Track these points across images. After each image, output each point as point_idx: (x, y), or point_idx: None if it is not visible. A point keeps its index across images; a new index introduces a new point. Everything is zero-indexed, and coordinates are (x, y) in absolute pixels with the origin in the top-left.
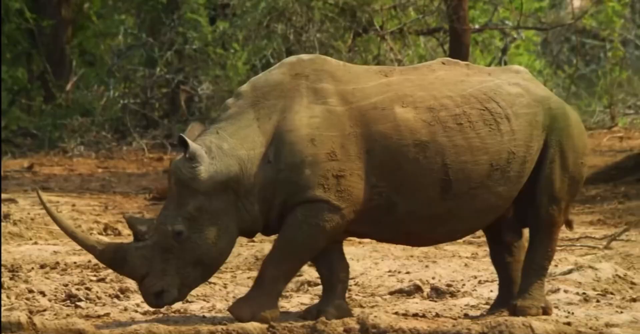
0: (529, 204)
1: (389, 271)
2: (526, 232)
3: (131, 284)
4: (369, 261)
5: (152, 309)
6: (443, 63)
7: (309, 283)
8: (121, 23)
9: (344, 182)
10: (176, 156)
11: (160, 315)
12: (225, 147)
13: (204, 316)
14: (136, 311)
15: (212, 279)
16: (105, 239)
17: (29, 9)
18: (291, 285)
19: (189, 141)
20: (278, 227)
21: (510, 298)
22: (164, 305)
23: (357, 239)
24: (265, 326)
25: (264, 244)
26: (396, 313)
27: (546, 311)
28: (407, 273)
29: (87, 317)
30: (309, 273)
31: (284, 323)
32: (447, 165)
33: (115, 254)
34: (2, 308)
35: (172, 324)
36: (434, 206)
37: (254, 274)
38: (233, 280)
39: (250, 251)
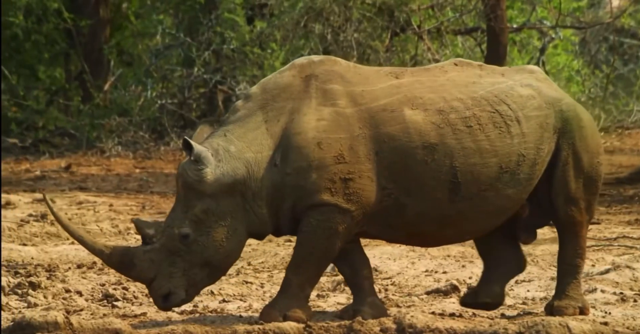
0: (549, 207)
1: (426, 271)
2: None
3: None
4: (406, 261)
5: (188, 309)
6: (455, 64)
7: (345, 283)
8: (159, 23)
9: (353, 184)
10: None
11: (197, 315)
12: (232, 150)
13: (240, 316)
14: (173, 311)
15: (249, 279)
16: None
17: (67, 9)
18: (328, 285)
19: (194, 144)
20: (289, 229)
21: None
22: (172, 307)
23: None
24: (301, 325)
25: None
26: (433, 313)
27: (583, 310)
28: (444, 272)
29: (124, 317)
30: None
31: (321, 323)
32: (456, 167)
33: (123, 258)
34: (39, 308)
35: (209, 324)
36: (443, 208)
37: None
38: (270, 280)
39: (287, 251)
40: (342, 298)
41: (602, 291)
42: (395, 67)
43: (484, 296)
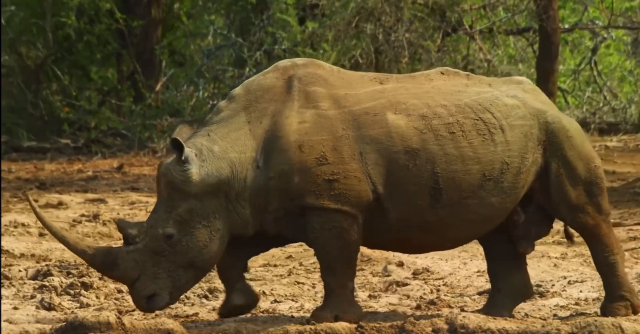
0: (553, 217)
1: (478, 271)
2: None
3: (220, 284)
4: (458, 261)
5: None
6: (442, 73)
7: (397, 283)
8: (211, 23)
9: (338, 185)
10: (165, 158)
11: (249, 315)
12: (216, 150)
13: (292, 316)
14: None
15: (300, 280)
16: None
17: (119, 9)
18: (380, 285)
19: (184, 144)
20: (274, 230)
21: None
22: (155, 309)
23: None
24: (353, 325)
25: None
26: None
27: (635, 308)
28: None
29: (176, 317)
30: (397, 273)
31: (372, 323)
32: (438, 173)
33: (106, 259)
34: (92, 308)
35: (261, 324)
36: (424, 214)
37: None
38: (321, 280)
39: None
40: (394, 299)
41: None
42: (380, 73)
43: None
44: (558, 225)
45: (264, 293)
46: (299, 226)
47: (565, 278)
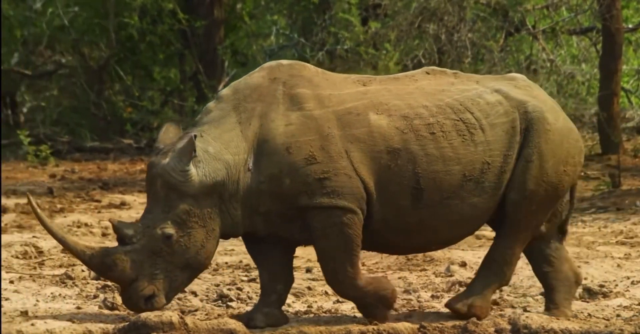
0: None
1: None
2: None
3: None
4: (521, 262)
5: (302, 309)
6: (427, 73)
7: (460, 283)
8: (273, 23)
9: (329, 183)
10: (157, 158)
11: (311, 315)
12: (211, 151)
13: (354, 316)
14: (287, 311)
15: None
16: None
17: (181, 9)
18: (442, 285)
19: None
20: (265, 230)
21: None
22: (152, 310)
23: None
24: (416, 325)
25: None
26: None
27: None
28: None
29: (238, 316)
30: (460, 273)
31: (435, 323)
32: (419, 174)
33: (105, 259)
34: None
35: (323, 324)
36: (406, 215)
37: (405, 274)
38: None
39: None
40: None
41: None
42: (364, 75)
43: None
44: (620, 225)
45: (326, 293)
46: (296, 227)
47: (628, 278)
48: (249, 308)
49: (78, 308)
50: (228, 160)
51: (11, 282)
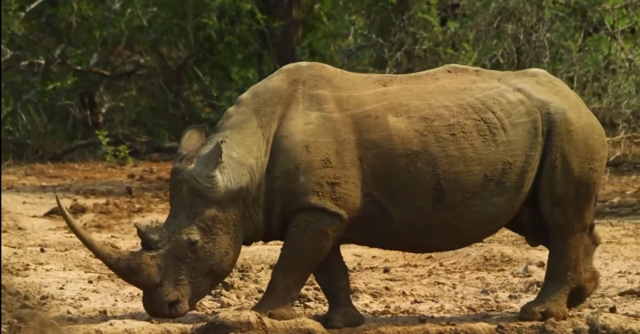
0: (541, 211)
1: (619, 272)
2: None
3: (360, 284)
4: (599, 262)
5: (380, 309)
6: (449, 71)
7: (538, 284)
8: (351, 24)
9: (339, 189)
10: (180, 165)
11: (389, 315)
12: (234, 156)
13: (432, 317)
14: (365, 311)
15: (440, 280)
16: None
17: (260, 10)
18: (520, 286)
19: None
20: (280, 235)
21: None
22: (176, 316)
23: None
24: (494, 326)
25: (492, 245)
26: (626, 314)
27: None
28: (638, 273)
29: (316, 317)
30: (538, 273)
31: (513, 324)
32: (440, 175)
33: (131, 263)
34: (232, 308)
35: (401, 324)
36: (428, 216)
37: (483, 274)
38: (462, 280)
39: (479, 252)
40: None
41: None
42: (385, 74)
43: None
44: None
45: (403, 293)
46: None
47: None
48: (326, 308)
49: None
50: (251, 165)
51: (90, 282)
